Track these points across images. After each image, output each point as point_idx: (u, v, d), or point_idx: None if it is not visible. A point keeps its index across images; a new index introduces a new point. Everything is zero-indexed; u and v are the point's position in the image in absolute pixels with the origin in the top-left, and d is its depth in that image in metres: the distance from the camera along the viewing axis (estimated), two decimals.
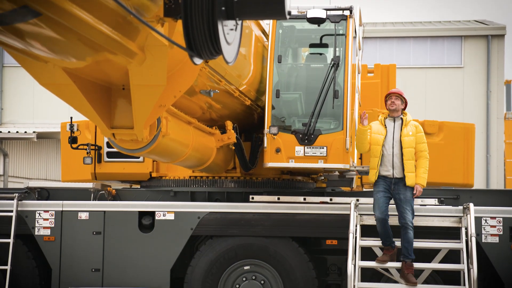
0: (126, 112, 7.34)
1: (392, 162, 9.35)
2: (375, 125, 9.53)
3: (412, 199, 9.36)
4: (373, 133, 9.45)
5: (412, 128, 9.49)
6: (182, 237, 10.28)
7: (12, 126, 25.73)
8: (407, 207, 9.30)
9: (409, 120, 9.53)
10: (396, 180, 9.34)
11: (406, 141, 9.38)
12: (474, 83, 27.49)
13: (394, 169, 9.34)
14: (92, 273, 10.32)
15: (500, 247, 9.84)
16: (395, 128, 9.46)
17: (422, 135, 9.53)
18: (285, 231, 10.22)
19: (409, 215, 9.29)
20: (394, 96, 9.51)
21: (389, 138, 9.42)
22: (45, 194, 10.99)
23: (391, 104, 9.48)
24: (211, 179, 10.95)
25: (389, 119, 9.54)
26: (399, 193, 9.32)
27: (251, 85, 10.04)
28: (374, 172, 9.37)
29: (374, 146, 9.42)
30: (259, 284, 10.32)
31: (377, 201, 9.37)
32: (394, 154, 9.36)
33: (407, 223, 9.28)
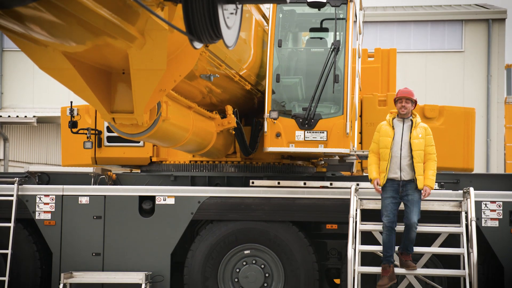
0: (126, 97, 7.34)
1: (400, 164, 9.25)
2: (383, 127, 9.42)
3: (419, 201, 9.29)
4: (382, 136, 9.36)
5: (422, 130, 9.37)
6: (182, 221, 10.30)
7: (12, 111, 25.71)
8: (414, 208, 9.22)
9: (418, 122, 9.42)
10: (403, 183, 9.25)
11: (416, 143, 9.27)
12: (475, 67, 27.46)
13: (402, 172, 9.25)
14: (92, 257, 10.34)
15: (500, 231, 9.86)
16: (403, 130, 9.35)
17: (431, 138, 9.42)
18: (285, 215, 10.23)
19: (414, 216, 9.20)
20: (405, 99, 9.38)
21: (397, 140, 9.31)
22: (45, 179, 11.00)
23: (401, 108, 9.37)
24: (211, 164, 10.95)
25: (398, 120, 9.42)
26: (408, 194, 9.25)
27: (251, 70, 10.02)
28: (383, 175, 9.28)
29: (383, 149, 9.33)
30: (259, 268, 10.34)
31: (385, 207, 9.28)
32: (402, 157, 9.26)
33: (411, 223, 9.20)
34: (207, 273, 10.28)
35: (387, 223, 9.19)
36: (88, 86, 6.96)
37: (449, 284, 9.93)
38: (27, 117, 22.46)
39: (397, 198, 9.24)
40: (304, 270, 10.20)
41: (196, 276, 10.27)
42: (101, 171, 10.90)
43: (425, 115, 11.60)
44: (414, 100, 9.45)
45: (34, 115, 22.65)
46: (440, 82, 27.52)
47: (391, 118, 9.44)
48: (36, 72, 26.50)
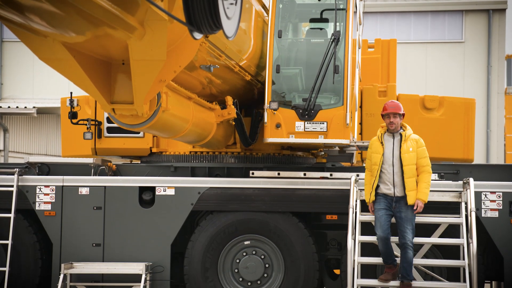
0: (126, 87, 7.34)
1: (392, 180, 9.14)
2: (374, 143, 9.32)
3: (413, 217, 9.16)
4: (373, 152, 9.28)
5: (413, 143, 9.19)
6: (182, 212, 10.31)
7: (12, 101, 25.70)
8: (408, 226, 9.09)
9: (409, 135, 9.23)
10: (397, 198, 9.15)
11: (406, 158, 9.11)
12: (475, 58, 27.42)
13: (395, 188, 9.14)
14: (92, 248, 10.36)
15: (499, 222, 9.87)
16: (394, 145, 9.20)
17: (423, 150, 9.24)
18: (285, 206, 10.24)
19: (409, 235, 9.08)
20: (392, 114, 9.24)
21: (388, 156, 9.18)
22: (45, 169, 11.01)
23: (390, 124, 9.23)
24: (211, 155, 10.95)
25: (388, 135, 9.30)
26: (400, 211, 9.13)
27: (251, 60, 10.01)
28: (369, 192, 9.26)
29: (373, 165, 9.26)
30: (259, 259, 10.36)
31: (378, 219, 9.18)
32: (395, 172, 9.13)
33: (407, 242, 9.07)
34: (207, 264, 10.30)
35: (381, 235, 9.12)
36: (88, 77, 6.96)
37: (449, 274, 9.95)
38: (27, 108, 22.44)
39: (389, 211, 9.16)
40: (304, 261, 10.21)
41: (196, 266, 10.29)
42: (101, 162, 10.91)
43: (425, 106, 11.60)
44: (402, 113, 9.30)
45: (34, 106, 22.63)
46: (440, 73, 27.50)
47: (380, 134, 9.31)
48: (36, 63, 26.47)
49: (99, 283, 10.30)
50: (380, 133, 9.30)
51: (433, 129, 11.60)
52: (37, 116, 22.97)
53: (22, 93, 27.81)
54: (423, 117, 11.60)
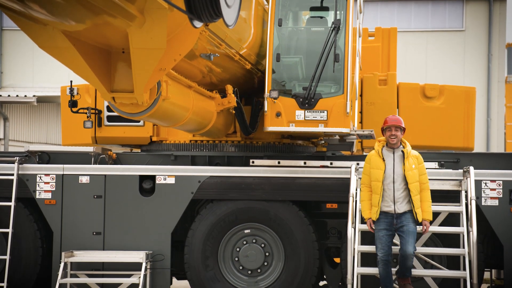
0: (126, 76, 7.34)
1: (393, 197, 8.93)
2: (373, 158, 9.07)
3: (415, 231, 8.96)
4: (372, 168, 9.03)
5: (414, 160, 9.03)
6: (182, 201, 10.32)
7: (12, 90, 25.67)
8: (410, 239, 8.89)
9: (409, 151, 9.06)
10: (398, 215, 8.95)
11: (411, 175, 8.93)
12: (475, 46, 27.37)
13: (395, 204, 8.94)
14: (93, 236, 10.38)
15: (499, 210, 9.89)
16: (395, 161, 8.99)
17: (423, 166, 9.11)
18: (286, 194, 10.25)
19: (411, 247, 8.88)
20: (394, 128, 9.04)
21: (389, 172, 8.96)
22: (45, 158, 11.01)
23: (391, 137, 9.01)
24: (212, 143, 10.95)
25: (387, 150, 9.08)
26: (403, 225, 8.93)
27: (252, 49, 10.00)
28: (376, 210, 8.96)
29: (375, 182, 8.98)
30: (260, 247, 10.37)
31: (379, 240, 8.98)
32: (396, 189, 8.92)
33: (407, 254, 8.90)
34: (208, 252, 10.32)
35: (382, 257, 8.95)
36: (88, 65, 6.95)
37: (449, 262, 9.97)
38: (27, 96, 22.43)
39: (391, 231, 8.96)
40: (304, 249, 10.23)
41: (196, 255, 10.31)
42: (101, 151, 10.91)
43: (425, 95, 11.60)
44: (403, 127, 9.11)
45: (34, 95, 22.62)
46: (441, 61, 27.45)
47: (379, 148, 9.08)
48: (36, 51, 26.42)
49: (100, 271, 10.32)
50: (379, 148, 9.07)
51: (433, 117, 11.59)
52: (37, 104, 22.96)
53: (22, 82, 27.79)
54: (424, 106, 11.60)
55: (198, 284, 10.32)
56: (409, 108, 11.60)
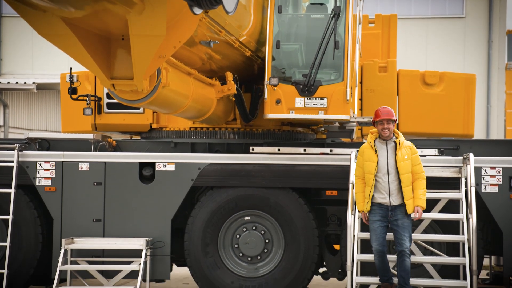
0: (126, 63, 7.33)
1: (388, 189, 8.87)
2: (366, 151, 9.00)
3: (410, 225, 8.94)
4: (365, 160, 8.95)
5: (407, 150, 8.93)
6: (182, 188, 10.33)
7: (11, 77, 25.65)
8: (405, 234, 8.87)
9: (402, 142, 8.96)
10: (393, 207, 8.89)
11: (402, 166, 8.85)
12: (476, 33, 27.33)
13: (390, 196, 8.87)
14: (93, 223, 10.39)
15: (499, 197, 9.90)
16: (388, 152, 8.91)
17: (417, 156, 9.02)
18: (285, 182, 10.25)
19: (406, 242, 8.86)
20: (386, 121, 8.94)
21: (383, 164, 8.89)
22: (45, 145, 11.01)
23: (383, 131, 8.92)
24: (211, 130, 10.95)
25: (380, 142, 9.00)
26: (397, 219, 8.88)
27: (251, 36, 9.98)
28: (367, 202, 8.93)
29: (367, 174, 8.93)
30: (259, 234, 10.39)
31: (374, 231, 8.94)
32: (390, 181, 8.86)
33: (404, 250, 8.85)
34: (208, 239, 10.34)
35: (378, 247, 8.90)
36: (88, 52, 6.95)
37: (448, 249, 9.99)
38: (27, 83, 22.41)
39: (385, 222, 8.90)
40: (304, 236, 10.25)
41: (196, 242, 10.33)
42: (101, 138, 10.91)
43: (425, 82, 11.59)
44: (395, 119, 9.02)
45: (33, 82, 22.60)
46: (441, 48, 27.42)
47: (372, 140, 8.99)
48: (35, 38, 26.37)
49: (100, 258, 10.34)
50: (371, 140, 8.99)
51: (433, 104, 11.59)
52: (37, 91, 22.95)
53: (22, 69, 27.76)
54: (424, 93, 11.59)
55: (198, 271, 10.35)
56: (409, 95, 11.59)
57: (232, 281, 10.30)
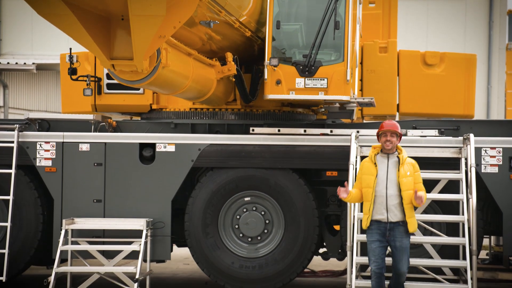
0: (126, 43, 7.32)
1: (386, 204, 8.31)
2: (366, 164, 8.54)
3: (408, 247, 8.43)
4: (364, 174, 8.47)
5: (410, 167, 8.42)
6: (182, 168, 10.33)
7: (11, 57, 25.57)
8: (404, 256, 8.37)
9: (405, 158, 8.46)
10: (391, 225, 8.33)
11: (404, 182, 8.32)
12: (476, 13, 27.23)
13: (388, 213, 8.31)
14: (93, 203, 10.41)
15: (499, 177, 9.91)
16: (389, 167, 8.41)
17: (419, 174, 8.52)
18: (286, 162, 10.26)
19: (404, 265, 8.38)
20: (390, 133, 8.45)
21: (382, 178, 8.37)
22: (45, 126, 11.00)
23: (386, 143, 8.42)
24: (212, 111, 10.94)
25: (382, 156, 8.49)
26: (395, 240, 8.34)
27: (251, 16, 9.95)
28: (366, 217, 8.40)
29: (366, 188, 8.41)
30: (260, 215, 10.41)
31: (372, 252, 8.40)
32: (389, 196, 8.30)
33: (401, 273, 8.42)
34: (208, 220, 10.36)
35: (376, 270, 8.38)
36: (87, 32, 6.93)
37: (448, 229, 10.01)
38: (26, 64, 22.34)
39: (384, 242, 8.37)
40: (304, 217, 10.26)
41: (196, 222, 10.35)
42: (101, 118, 10.90)
43: (426, 62, 11.58)
44: (400, 133, 8.53)
45: (33, 62, 22.53)
46: (442, 28, 27.33)
47: (373, 154, 8.51)
48: (35, 18, 26.26)
49: (101, 238, 10.36)
50: (372, 154, 8.53)
51: (434, 85, 11.58)
52: (36, 72, 22.89)
53: (21, 49, 27.69)
54: (424, 73, 11.59)
55: (199, 251, 10.38)
56: (409, 76, 11.59)
57: (233, 262, 10.33)
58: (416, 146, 9.93)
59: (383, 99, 11.30)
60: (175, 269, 13.35)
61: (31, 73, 23.20)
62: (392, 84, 11.53)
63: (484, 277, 12.37)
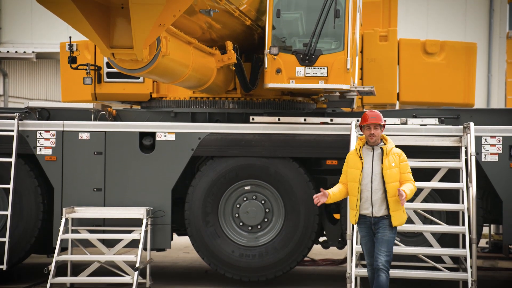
0: (126, 32, 7.31)
1: (371, 199, 7.86)
2: (351, 156, 8.08)
3: (392, 239, 7.92)
4: (349, 167, 8.04)
5: (395, 157, 7.90)
6: (183, 157, 10.33)
7: (11, 46, 25.54)
8: (383, 248, 7.86)
9: (390, 149, 7.95)
10: (375, 220, 7.89)
11: (389, 174, 7.83)
12: (477, 1, 27.18)
13: (373, 207, 7.86)
14: (94, 192, 10.41)
15: (499, 166, 9.91)
16: (374, 159, 7.92)
17: (406, 164, 7.99)
18: (286, 151, 10.26)
19: (383, 257, 7.84)
20: (373, 125, 7.93)
21: (367, 172, 7.90)
22: (45, 114, 11.00)
23: (369, 136, 7.94)
24: (212, 100, 10.94)
25: (367, 148, 8.00)
26: (378, 231, 7.90)
27: (251, 5, 9.93)
28: (354, 213, 7.97)
29: (352, 183, 7.97)
30: (260, 204, 10.42)
31: (364, 246, 8.13)
32: (373, 190, 7.85)
33: (379, 265, 7.84)
34: (208, 209, 10.37)
35: (370, 263, 8.11)
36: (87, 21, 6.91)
37: (448, 218, 10.02)
38: (26, 52, 22.31)
39: (372, 235, 7.99)
40: (304, 206, 10.27)
41: (197, 211, 10.36)
42: (101, 107, 10.90)
43: (426, 51, 11.57)
44: (383, 124, 8.04)
45: (33, 51, 22.50)
46: (442, 17, 27.29)
47: (359, 146, 8.05)
48: (34, 7, 26.24)
49: (101, 227, 10.38)
50: (358, 146, 8.06)
51: (434, 73, 11.58)
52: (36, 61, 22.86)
53: (21, 38, 27.65)
54: (424, 62, 11.59)
55: (199, 240, 10.39)
56: (409, 64, 11.58)
57: (233, 250, 10.35)
58: (416, 135, 9.93)
59: (383, 87, 11.31)
60: (175, 257, 13.38)
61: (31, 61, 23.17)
62: (392, 72, 11.52)
63: (483, 266, 12.42)
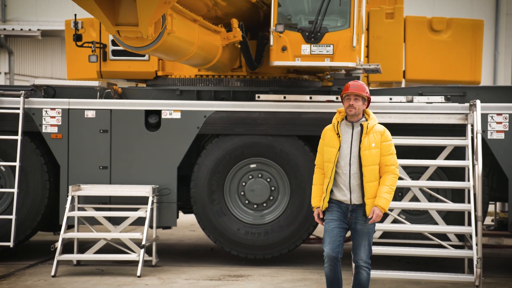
0: (131, 9, 7.28)
1: (349, 184, 6.95)
2: (328, 132, 7.12)
3: (371, 231, 7.06)
4: (326, 145, 7.08)
5: (376, 136, 6.94)
6: (188, 135, 10.34)
7: (16, 24, 25.51)
8: (363, 242, 7.03)
9: (371, 126, 6.97)
10: (354, 207, 6.99)
11: (366, 156, 6.88)
12: None
13: (352, 194, 6.97)
14: (100, 170, 10.44)
15: (505, 143, 9.90)
16: (353, 138, 6.98)
17: (389, 144, 6.98)
18: (291, 129, 10.26)
19: (363, 252, 7.03)
20: (354, 96, 6.98)
21: (345, 152, 6.97)
22: (51, 92, 11.00)
23: (348, 108, 6.97)
24: (217, 78, 10.92)
25: (346, 124, 7.05)
26: (357, 222, 7.00)
27: None
28: (323, 197, 7.09)
29: (326, 163, 7.03)
30: (265, 182, 10.43)
31: (328, 232, 7.01)
32: (352, 174, 6.94)
33: (358, 261, 7.05)
34: (214, 187, 10.39)
35: (330, 253, 6.97)
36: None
37: (454, 196, 10.03)
38: (31, 30, 22.29)
39: (344, 223, 7.02)
40: (310, 184, 10.24)
41: (202, 189, 10.38)
42: (107, 85, 10.89)
43: (432, 28, 11.52)
44: (366, 97, 7.04)
45: (38, 29, 22.46)
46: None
47: (337, 121, 7.07)
48: None
49: (107, 205, 10.41)
50: (336, 121, 7.09)
51: (441, 51, 11.54)
52: (41, 38, 22.83)
53: (26, 15, 27.59)
54: (431, 39, 11.54)
55: (204, 218, 10.42)
56: (416, 42, 11.54)
57: (238, 228, 10.38)
58: (422, 112, 9.91)
59: (389, 65, 11.27)
60: (181, 235, 13.43)
61: (36, 39, 23.14)
62: (398, 50, 11.48)
63: (489, 243, 12.44)
